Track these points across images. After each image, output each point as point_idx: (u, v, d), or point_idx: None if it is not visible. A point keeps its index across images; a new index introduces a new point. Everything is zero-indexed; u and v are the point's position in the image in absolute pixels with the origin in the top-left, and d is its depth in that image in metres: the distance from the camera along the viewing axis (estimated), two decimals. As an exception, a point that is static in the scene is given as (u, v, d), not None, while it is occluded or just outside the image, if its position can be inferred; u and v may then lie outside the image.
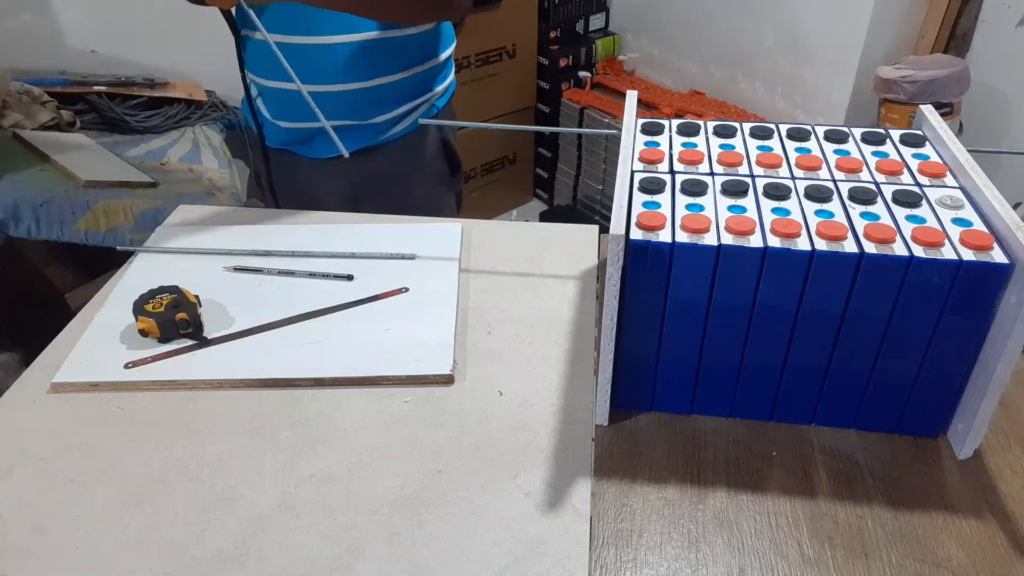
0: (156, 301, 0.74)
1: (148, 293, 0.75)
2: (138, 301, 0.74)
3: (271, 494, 0.60)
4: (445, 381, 0.70)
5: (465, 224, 0.93)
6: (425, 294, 0.81)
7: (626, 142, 0.69)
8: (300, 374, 0.71)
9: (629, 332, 0.63)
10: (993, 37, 1.92)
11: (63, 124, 1.70)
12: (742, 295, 0.59)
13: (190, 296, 0.75)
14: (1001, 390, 0.58)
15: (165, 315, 0.72)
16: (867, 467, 0.63)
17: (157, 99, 1.86)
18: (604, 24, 2.63)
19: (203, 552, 0.56)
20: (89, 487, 0.61)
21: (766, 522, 0.58)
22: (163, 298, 0.74)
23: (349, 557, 0.55)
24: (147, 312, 0.72)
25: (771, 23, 2.12)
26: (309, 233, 0.91)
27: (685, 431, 0.66)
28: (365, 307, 0.79)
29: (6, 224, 1.40)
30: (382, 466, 0.63)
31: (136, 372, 0.71)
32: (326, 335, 0.75)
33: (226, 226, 0.93)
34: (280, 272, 0.84)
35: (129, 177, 1.55)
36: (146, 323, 0.73)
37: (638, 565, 0.56)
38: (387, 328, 0.76)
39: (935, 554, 0.56)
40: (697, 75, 2.41)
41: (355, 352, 0.73)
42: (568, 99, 2.46)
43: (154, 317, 0.72)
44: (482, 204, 2.61)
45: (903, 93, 1.83)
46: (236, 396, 0.70)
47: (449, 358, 0.72)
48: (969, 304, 0.57)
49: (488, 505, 0.59)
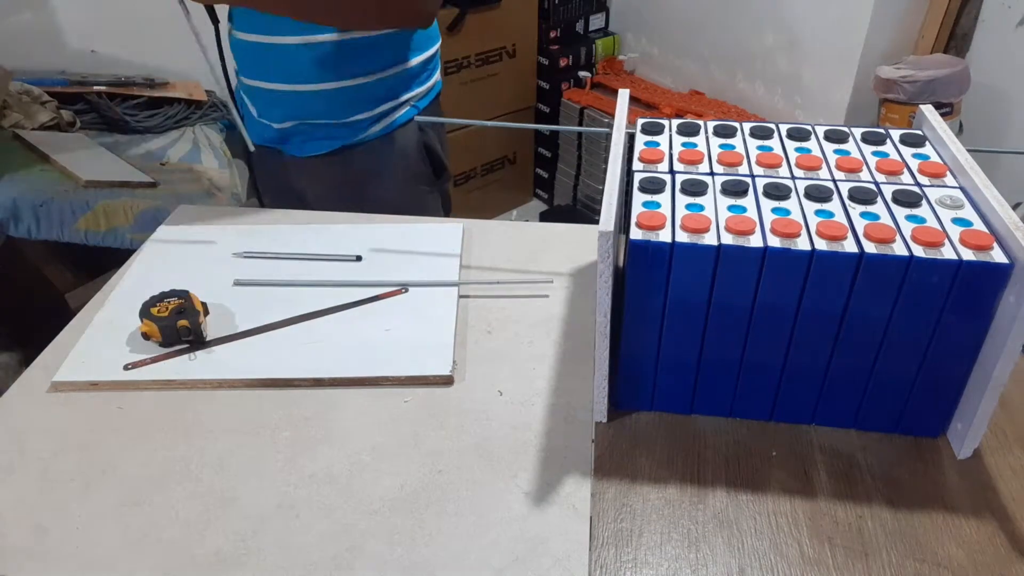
0: (163, 305, 0.74)
1: (158, 295, 0.75)
2: (147, 303, 0.74)
3: (271, 494, 0.60)
4: (445, 382, 0.70)
5: (465, 224, 0.93)
6: (425, 294, 0.81)
7: (616, 139, 0.69)
8: (299, 374, 0.71)
9: (629, 332, 0.63)
10: (993, 37, 1.92)
11: (63, 124, 1.70)
12: (742, 295, 0.59)
13: (197, 303, 0.75)
14: (1001, 390, 0.58)
15: (168, 321, 0.72)
16: (867, 467, 0.63)
17: (157, 99, 1.87)
18: (604, 24, 2.63)
19: (203, 552, 0.56)
20: (89, 487, 0.61)
21: (766, 522, 0.58)
22: (170, 302, 0.74)
23: (349, 557, 0.55)
24: (152, 316, 0.73)
25: (771, 23, 2.12)
26: (313, 233, 0.91)
27: (685, 431, 0.66)
28: (365, 307, 0.79)
29: (6, 224, 1.40)
30: (382, 466, 0.63)
31: (135, 373, 0.71)
32: (326, 335, 0.75)
33: (226, 226, 0.93)
34: (289, 256, 0.85)
35: (129, 177, 1.55)
36: (149, 327, 0.73)
37: (638, 565, 0.56)
38: (387, 328, 0.76)
39: (935, 554, 0.56)
40: (697, 75, 2.41)
41: (354, 352, 0.73)
42: (568, 99, 2.46)
43: (157, 322, 0.72)
44: (482, 204, 2.61)
45: (903, 93, 1.83)
46: (236, 396, 0.70)
47: (449, 358, 0.72)
48: (969, 304, 0.57)
49: (488, 505, 0.59)
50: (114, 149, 1.67)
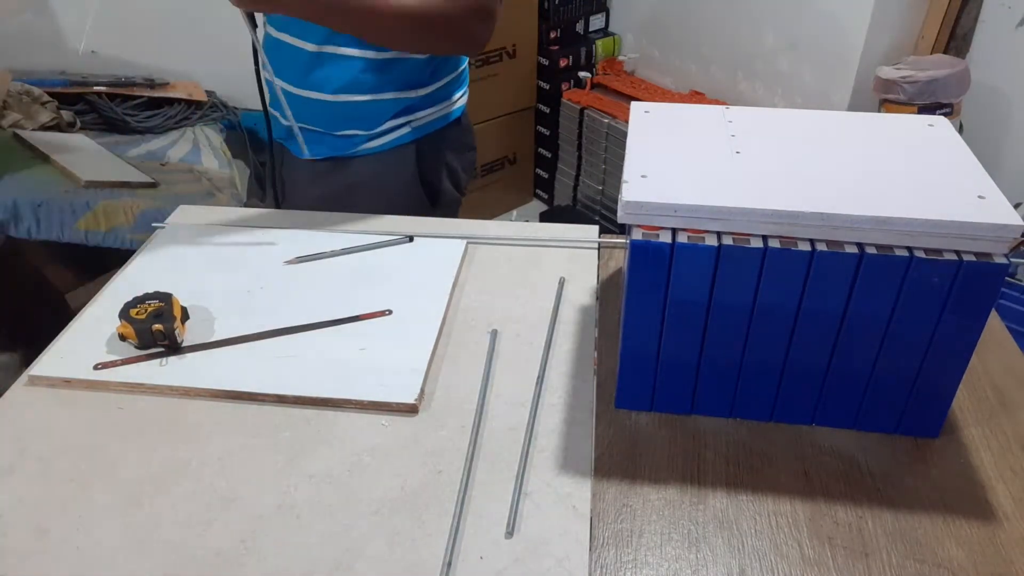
0: (142, 307, 0.73)
1: (141, 296, 0.74)
2: (128, 304, 0.74)
3: (271, 494, 0.60)
4: (409, 410, 0.68)
5: (465, 224, 0.93)
6: (409, 316, 0.77)
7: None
8: (264, 389, 0.69)
9: (629, 332, 0.63)
10: (993, 37, 1.92)
11: (63, 124, 1.70)
12: (742, 295, 0.59)
13: (177, 307, 0.74)
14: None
15: (143, 324, 0.72)
16: (867, 467, 0.63)
17: (157, 99, 1.86)
18: (604, 24, 2.63)
19: (203, 552, 0.56)
20: (89, 487, 0.61)
21: (766, 522, 0.58)
22: (150, 304, 0.73)
23: (349, 557, 0.55)
24: (130, 317, 0.72)
25: (771, 23, 2.11)
26: (308, 239, 0.90)
27: (685, 431, 0.66)
28: (345, 327, 0.76)
29: (6, 224, 1.40)
30: (382, 466, 0.63)
31: (106, 373, 0.70)
32: (300, 351, 0.73)
33: (226, 227, 0.93)
34: (340, 253, 0.86)
35: (129, 177, 1.55)
36: (125, 328, 0.73)
37: (638, 565, 0.56)
38: (362, 348, 0.73)
39: (935, 554, 0.56)
40: (697, 75, 2.41)
41: (324, 372, 0.70)
42: (568, 99, 2.46)
43: (133, 324, 0.72)
44: (482, 204, 2.61)
45: (903, 93, 1.83)
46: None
47: (417, 386, 0.69)
48: (969, 304, 0.57)
49: (488, 505, 0.59)
50: (114, 149, 1.67)
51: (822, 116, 0.70)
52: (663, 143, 0.66)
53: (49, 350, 0.73)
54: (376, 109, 0.99)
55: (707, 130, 0.68)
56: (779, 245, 0.56)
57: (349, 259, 0.86)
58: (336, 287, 0.82)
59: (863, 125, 0.69)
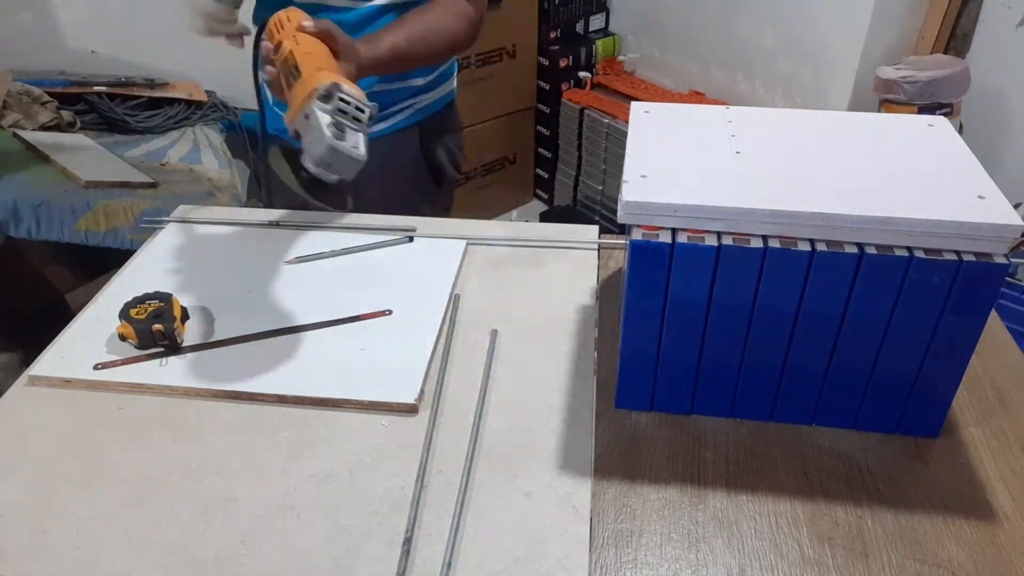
0: (142, 307, 0.73)
1: (141, 296, 0.74)
2: (128, 304, 0.74)
3: (271, 494, 0.60)
4: (409, 410, 0.68)
5: (465, 224, 0.93)
6: (409, 316, 0.78)
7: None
8: (264, 389, 0.69)
9: (629, 332, 0.63)
10: (993, 37, 1.92)
11: (63, 124, 1.70)
12: (742, 295, 0.59)
13: (176, 307, 0.74)
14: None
15: (143, 324, 0.72)
16: (867, 467, 0.63)
17: (157, 99, 1.86)
18: (604, 24, 2.63)
19: (203, 552, 0.56)
20: (89, 487, 0.61)
21: (766, 522, 0.58)
22: (150, 304, 0.73)
23: (349, 557, 0.55)
24: (130, 318, 0.72)
25: (771, 23, 2.11)
26: (308, 238, 0.90)
27: (685, 431, 0.66)
28: (345, 327, 0.76)
29: (6, 224, 1.40)
30: (382, 466, 0.63)
31: (106, 373, 0.70)
32: (300, 351, 0.73)
33: (226, 227, 0.93)
34: (342, 251, 0.86)
35: (129, 177, 1.55)
36: (125, 328, 0.73)
37: (638, 565, 0.56)
38: (362, 348, 0.73)
39: (935, 554, 0.56)
40: (697, 75, 2.41)
41: (324, 372, 0.71)
42: (568, 99, 2.46)
43: (133, 324, 0.72)
44: (482, 204, 2.61)
45: (903, 93, 1.83)
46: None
47: (417, 386, 0.69)
48: (969, 304, 0.57)
49: (488, 505, 0.59)
50: (114, 149, 1.67)
51: (822, 116, 0.70)
52: (663, 143, 0.66)
53: (49, 350, 0.74)
54: (382, 98, 1.00)
55: (707, 130, 0.68)
56: (779, 245, 0.56)
57: (349, 259, 0.86)
58: (336, 287, 0.82)
59: (863, 125, 0.69)
